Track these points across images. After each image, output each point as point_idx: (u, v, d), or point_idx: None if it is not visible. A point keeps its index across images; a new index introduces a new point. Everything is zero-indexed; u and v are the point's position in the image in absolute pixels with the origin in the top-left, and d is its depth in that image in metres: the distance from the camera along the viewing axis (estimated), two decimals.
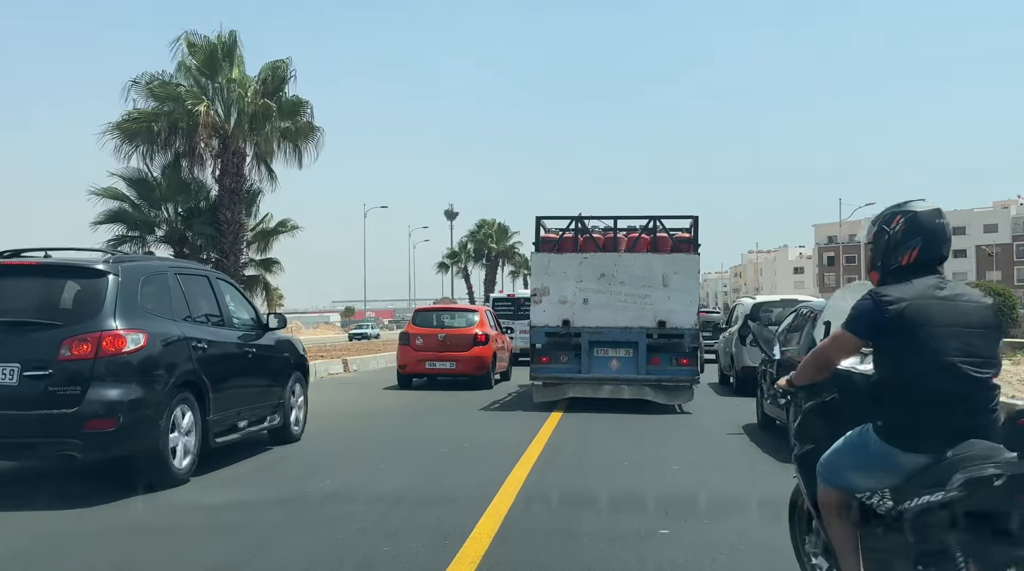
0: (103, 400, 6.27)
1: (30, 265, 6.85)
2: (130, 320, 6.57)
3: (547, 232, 13.87)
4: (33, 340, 6.29)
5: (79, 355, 6.27)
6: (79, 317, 6.49)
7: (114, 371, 6.36)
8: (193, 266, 8.78)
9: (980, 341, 3.07)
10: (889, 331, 3.08)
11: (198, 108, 18.76)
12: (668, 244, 13.14)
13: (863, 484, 3.11)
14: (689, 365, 12.67)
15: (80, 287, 6.75)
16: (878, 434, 3.09)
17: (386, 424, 11.24)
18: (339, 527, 5.36)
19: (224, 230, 19.91)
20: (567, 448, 8.72)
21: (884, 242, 3.28)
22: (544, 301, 12.88)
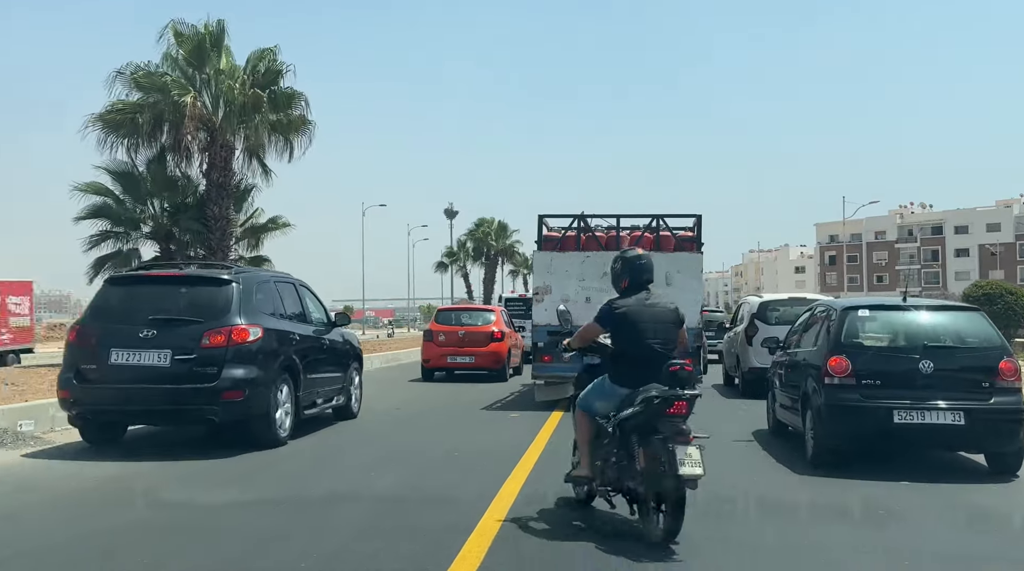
0: (234, 377, 8.34)
1: (176, 276, 9.17)
2: (250, 318, 8.68)
3: (549, 230, 14.04)
4: (181, 332, 8.36)
5: (216, 344, 8.36)
6: (214, 315, 8.53)
7: (241, 356, 8.43)
8: (284, 275, 10.75)
9: (665, 331, 5.70)
10: (616, 324, 5.68)
11: (184, 99, 18.48)
12: (671, 243, 13.30)
13: (601, 408, 5.65)
14: (692, 365, 12.85)
15: (213, 293, 8.77)
16: (610, 379, 5.65)
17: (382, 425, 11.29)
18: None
19: (211, 226, 19.65)
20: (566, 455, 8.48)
21: (614, 274, 5.98)
22: (546, 300, 13.05)
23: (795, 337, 9.65)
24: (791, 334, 9.97)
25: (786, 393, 9.25)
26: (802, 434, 8.36)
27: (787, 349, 9.76)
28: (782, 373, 9.66)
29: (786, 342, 9.96)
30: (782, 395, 9.50)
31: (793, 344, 9.61)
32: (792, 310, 15.54)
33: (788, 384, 9.22)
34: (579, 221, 13.57)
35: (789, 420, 9.15)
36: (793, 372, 8.99)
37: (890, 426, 7.30)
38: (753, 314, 15.38)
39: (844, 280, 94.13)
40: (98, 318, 8.71)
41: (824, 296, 17.82)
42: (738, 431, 10.45)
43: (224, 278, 8.95)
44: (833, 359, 7.59)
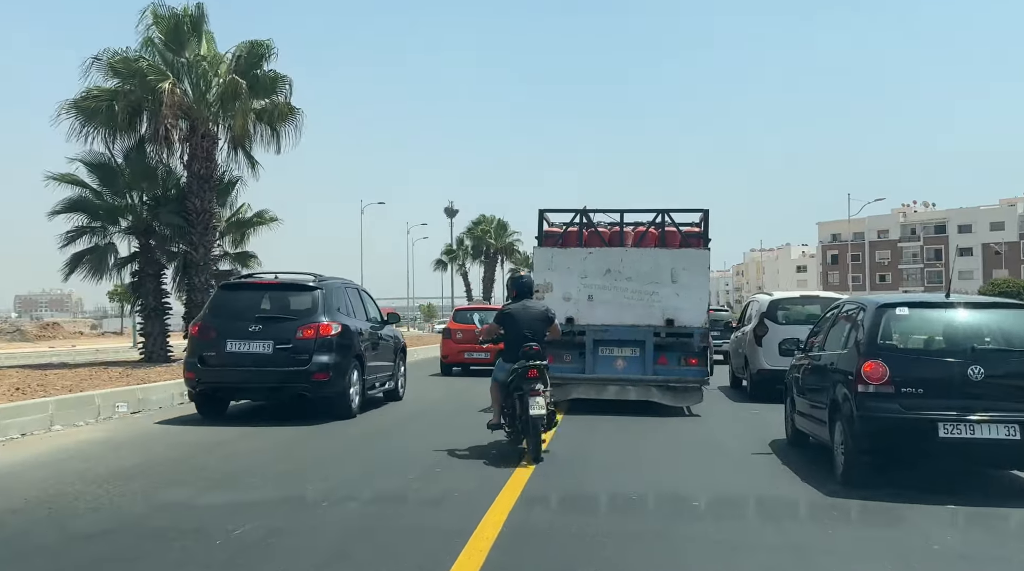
0: (321, 362, 10.71)
1: (274, 284, 11.66)
2: (331, 316, 11.09)
3: (551, 226, 13.26)
4: (280, 327, 10.77)
5: (307, 336, 10.73)
6: (305, 314, 10.97)
7: (325, 346, 10.80)
8: (350, 282, 12.93)
9: (537, 325, 8.57)
10: (503, 322, 8.66)
11: (162, 86, 17.47)
12: (677, 238, 12.54)
13: (501, 377, 8.44)
14: (698, 365, 12.09)
15: (303, 296, 11.25)
16: (503, 358, 8.55)
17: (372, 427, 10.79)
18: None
19: (192, 220, 18.68)
20: (563, 471, 7.65)
21: (507, 288, 9.40)
22: (547, 298, 12.28)
23: (818, 338, 8.84)
24: (812, 335, 9.18)
25: (808, 401, 8.44)
26: (828, 447, 7.56)
27: (808, 351, 8.94)
28: (803, 378, 8.87)
29: (807, 343, 9.13)
30: (803, 403, 8.69)
31: (816, 346, 8.82)
32: (803, 309, 15.25)
33: (811, 391, 8.41)
34: (581, 216, 12.77)
35: (812, 431, 8.36)
36: (817, 377, 8.17)
37: (934, 441, 6.47)
38: (763, 313, 14.74)
39: (848, 279, 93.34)
40: (215, 316, 11.10)
41: (835, 294, 17.08)
42: (753, 441, 9.69)
43: (311, 285, 11.36)
44: (868, 364, 6.75)
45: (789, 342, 9.57)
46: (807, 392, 8.55)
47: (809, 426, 8.38)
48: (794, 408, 9.10)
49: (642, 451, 8.98)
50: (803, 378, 8.82)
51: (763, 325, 14.44)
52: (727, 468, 8.00)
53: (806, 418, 8.48)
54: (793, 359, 9.59)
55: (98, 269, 18.64)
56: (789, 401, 9.43)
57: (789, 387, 9.45)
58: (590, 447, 9.17)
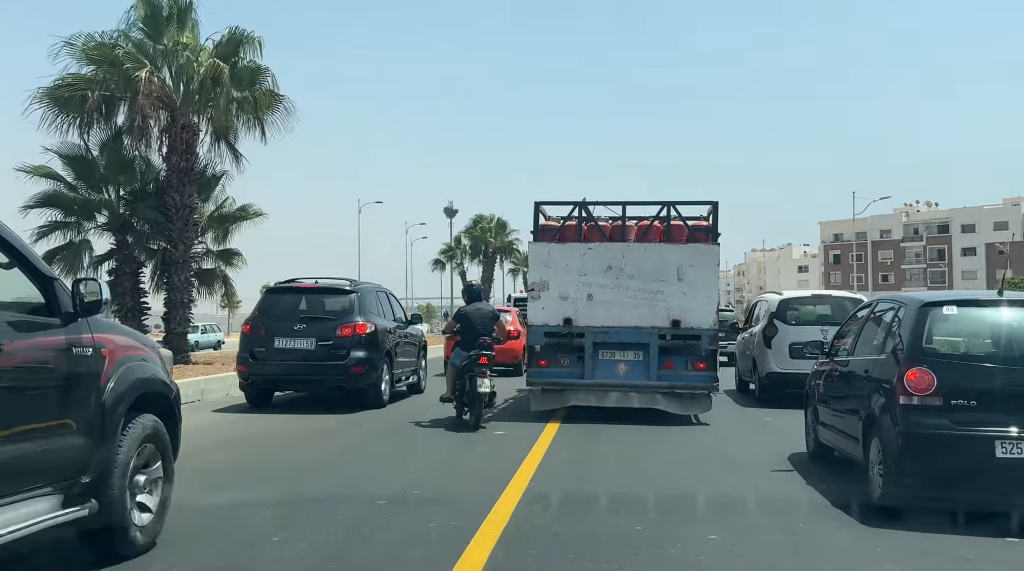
0: (358, 357, 11.98)
1: (315, 288, 12.85)
2: (366, 316, 12.31)
3: (547, 219, 12.36)
4: (321, 326, 12.07)
5: (345, 334, 11.97)
6: (343, 315, 12.24)
7: (361, 343, 12.02)
8: (379, 286, 14.15)
9: (487, 322, 10.95)
10: (460, 320, 11.04)
11: (138, 74, 16.48)
12: (684, 233, 11.64)
13: (456, 362, 10.72)
14: (707, 370, 11.18)
15: (341, 299, 12.58)
16: (460, 348, 10.83)
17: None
18: None
19: (172, 216, 17.72)
20: (557, 492, 6.77)
21: (464, 295, 12.17)
22: (543, 297, 11.41)
23: (846, 340, 7.93)
24: (838, 336, 8.28)
25: (835, 412, 7.55)
26: (860, 464, 6.67)
27: (833, 355, 8.02)
28: (827, 386, 7.98)
29: (832, 346, 8.21)
30: (828, 413, 7.80)
31: (841, 349, 7.92)
32: (814, 309, 14.62)
33: (838, 400, 7.53)
34: (580, 209, 11.86)
35: (839, 445, 7.45)
36: (846, 385, 7.27)
37: (990, 462, 5.57)
38: (772, 313, 13.97)
39: (850, 279, 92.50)
40: (264, 316, 12.49)
41: (848, 293, 16.20)
42: (770, 454, 8.79)
43: (347, 289, 12.76)
44: (911, 371, 5.84)
45: (811, 345, 8.66)
46: (833, 402, 7.66)
47: (836, 440, 7.48)
48: (817, 419, 8.20)
49: (646, 467, 8.07)
50: (828, 386, 7.93)
51: (772, 326, 13.71)
52: (745, 490, 7.06)
53: (832, 431, 7.58)
54: (815, 364, 8.69)
55: (72, 267, 17.64)
56: (810, 411, 8.53)
57: (810, 395, 8.56)
58: (588, 461, 8.30)
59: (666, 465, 8.15)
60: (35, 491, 4.11)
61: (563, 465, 8.00)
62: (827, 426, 7.82)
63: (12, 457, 3.86)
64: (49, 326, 4.32)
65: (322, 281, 13.08)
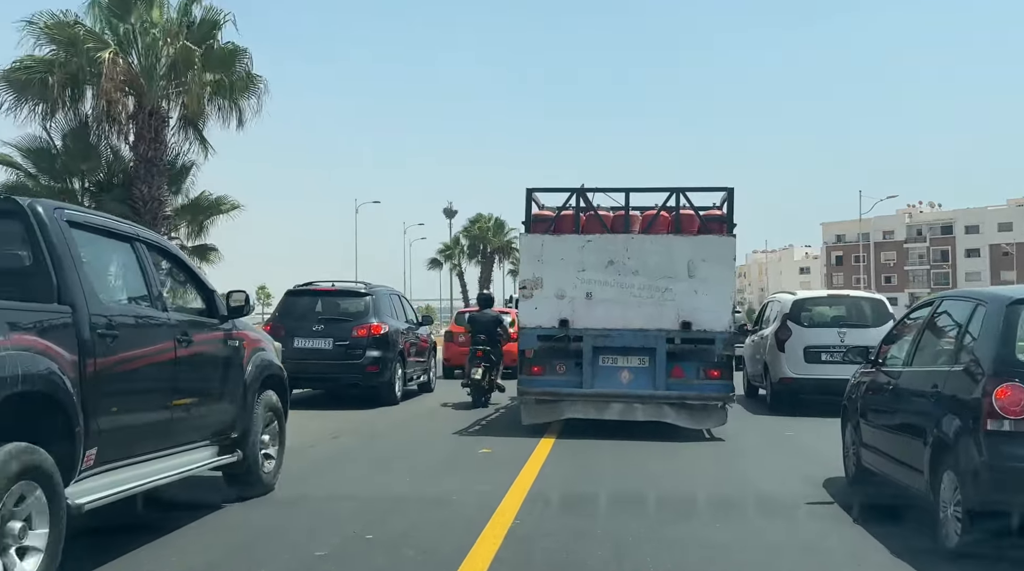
0: (372, 357, 12.61)
1: (331, 290, 13.48)
2: (380, 318, 12.97)
3: (541, 209, 11.04)
4: (338, 327, 12.67)
5: (361, 335, 12.61)
6: (359, 317, 12.87)
7: (376, 343, 12.67)
8: (393, 289, 14.88)
9: (490, 325, 13.55)
10: (469, 322, 14.10)
11: (101, 55, 15.26)
12: (695, 223, 10.33)
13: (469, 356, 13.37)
14: (721, 378, 9.87)
15: (356, 301, 13.21)
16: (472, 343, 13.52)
17: None
18: None
19: (139, 209, 16.44)
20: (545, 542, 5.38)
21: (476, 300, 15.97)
22: (536, 296, 10.10)
23: (899, 346, 6.62)
24: (888, 341, 6.99)
25: (886, 433, 6.27)
26: (919, 498, 5.38)
27: (880, 363, 6.72)
28: (875, 401, 6.71)
29: (877, 352, 6.89)
30: (876, 434, 6.52)
31: (893, 356, 6.65)
32: (829, 310, 13.62)
33: (890, 419, 6.24)
34: (578, 197, 10.54)
35: (893, 475, 6.15)
36: (902, 402, 5.98)
37: None
38: (785, 314, 13.03)
39: (852, 281, 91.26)
40: (283, 317, 13.02)
41: (866, 293, 14.92)
42: (799, 479, 7.51)
43: (363, 292, 13.32)
44: (1003, 388, 4.55)
45: (854, 352, 7.36)
46: (883, 421, 6.39)
47: (889, 468, 6.19)
48: (859, 439, 6.91)
49: (653, 498, 6.72)
50: (875, 401, 6.66)
51: (786, 328, 12.76)
52: (780, 533, 5.72)
53: (882, 456, 6.28)
54: (855, 373, 7.41)
55: None
56: (850, 429, 7.23)
57: (850, 410, 7.27)
58: (585, 494, 6.96)
59: (680, 499, 6.81)
60: (203, 442, 5.74)
61: (555, 496, 6.70)
62: (874, 450, 6.53)
63: (193, 416, 5.49)
64: (212, 325, 5.95)
65: (338, 284, 13.80)
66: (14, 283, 4.41)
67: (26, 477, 3.85)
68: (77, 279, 4.48)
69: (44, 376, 4.00)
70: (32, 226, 4.44)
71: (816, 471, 7.72)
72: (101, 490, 4.49)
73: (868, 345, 12.81)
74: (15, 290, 4.32)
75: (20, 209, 4.50)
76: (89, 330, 4.41)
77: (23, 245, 4.47)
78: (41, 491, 3.95)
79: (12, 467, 3.74)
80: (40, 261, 4.43)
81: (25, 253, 4.49)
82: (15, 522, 3.86)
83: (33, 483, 3.90)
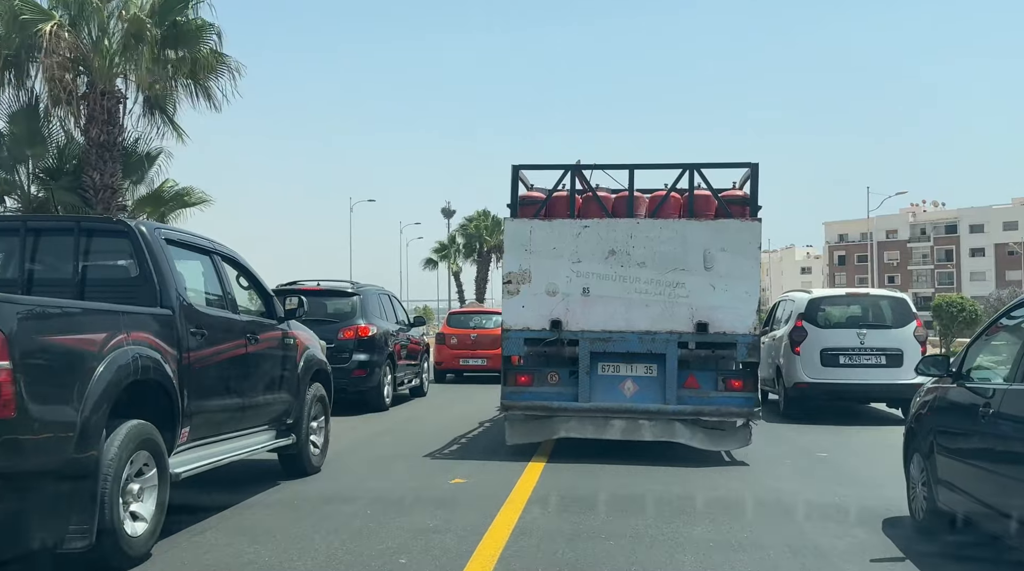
0: (360, 360, 12.10)
1: (318, 290, 12.70)
2: (368, 319, 12.54)
3: (530, 190, 9.40)
4: (325, 328, 11.08)
5: (347, 337, 12.09)
6: (345, 317, 12.41)
7: (363, 346, 12.19)
8: (382, 288, 14.19)
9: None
10: None
11: (42, 28, 13.68)
12: (712, 205, 8.70)
13: None
14: (744, 390, 8.25)
15: (343, 302, 12.77)
16: None
17: None
18: None
19: (91, 199, 14.87)
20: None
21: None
22: (523, 292, 8.47)
23: (991, 356, 4.96)
24: (974, 348, 5.33)
25: (980, 470, 4.65)
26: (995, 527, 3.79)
27: (963, 376, 5.15)
28: (955, 424, 5.11)
29: (962, 364, 5.26)
30: (963, 469, 4.90)
31: (989, 369, 5.02)
32: (847, 309, 12.65)
33: (986, 452, 4.58)
34: (573, 175, 8.89)
35: (987, 523, 4.55)
36: (1005, 430, 4.32)
37: None
38: (800, 314, 12.14)
39: (857, 280, 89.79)
40: None
41: (886, 292, 13.48)
42: (852, 520, 5.87)
43: (350, 292, 12.73)
44: None
45: (929, 361, 5.69)
46: (970, 453, 4.78)
47: (979, 513, 4.60)
48: (933, 473, 5.25)
49: (673, 551, 5.02)
50: (957, 425, 5.04)
51: (800, 330, 11.92)
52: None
53: (971, 499, 4.69)
54: (920, 392, 5.85)
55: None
56: (918, 460, 5.61)
57: (918, 436, 5.64)
58: (581, 545, 5.24)
59: (703, 548, 5.12)
60: (265, 426, 6.71)
61: (541, 553, 5.01)
62: (957, 489, 4.89)
63: (260, 403, 6.47)
64: (272, 325, 6.89)
65: (324, 283, 13.06)
66: (124, 291, 5.27)
67: (142, 448, 4.64)
68: (174, 287, 5.33)
69: (155, 366, 4.83)
70: (139, 243, 5.29)
71: (868, 504, 6.21)
72: (193, 462, 5.38)
73: (892, 348, 11.84)
74: (125, 296, 5.12)
75: (129, 229, 5.38)
76: (185, 329, 5.29)
77: (131, 259, 5.37)
78: (153, 459, 4.77)
79: (134, 438, 4.52)
80: (145, 272, 5.29)
81: (133, 265, 5.38)
82: (134, 483, 4.64)
83: (147, 452, 4.71)
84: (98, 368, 4.29)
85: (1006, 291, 52.92)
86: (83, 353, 4.26)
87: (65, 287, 5.33)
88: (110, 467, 4.31)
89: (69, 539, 4.09)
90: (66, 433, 4.07)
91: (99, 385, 4.25)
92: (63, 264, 5.50)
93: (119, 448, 4.38)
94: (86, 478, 4.17)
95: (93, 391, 4.21)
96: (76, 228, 5.53)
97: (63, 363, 4.15)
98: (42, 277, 5.54)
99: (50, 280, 5.48)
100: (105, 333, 4.45)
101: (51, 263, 5.63)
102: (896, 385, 11.28)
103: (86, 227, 5.59)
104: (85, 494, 4.17)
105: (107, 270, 5.61)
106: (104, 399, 4.27)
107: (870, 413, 12.70)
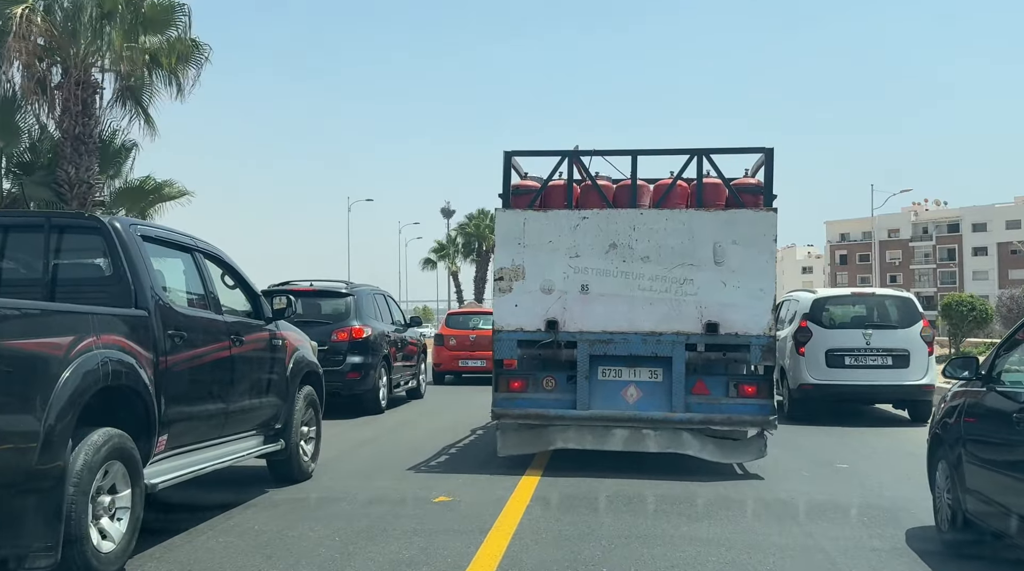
0: (354, 363, 11.79)
1: (311, 291, 12.38)
2: (362, 320, 12.22)
3: (524, 178, 8.69)
4: (317, 330, 10.73)
5: (341, 339, 11.80)
6: (339, 318, 12.12)
7: (357, 348, 11.89)
8: (377, 288, 14.04)
9: None
10: None
11: (13, 9, 13.08)
12: (723, 194, 8.08)
13: None
14: (758, 396, 7.64)
15: (337, 302, 12.43)
16: None
17: None
18: None
19: (65, 193, 14.32)
20: None
21: None
22: (516, 289, 7.83)
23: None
24: (1007, 348, 5.00)
25: (1007, 474, 4.41)
26: None
27: (993, 379, 4.87)
28: (985, 431, 4.80)
29: (992, 367, 4.98)
30: (994, 479, 4.58)
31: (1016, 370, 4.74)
32: (852, 309, 12.47)
33: (1012, 454, 4.36)
34: (570, 162, 8.18)
35: (1015, 529, 4.27)
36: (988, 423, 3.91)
37: None
38: (804, 314, 11.95)
39: (858, 280, 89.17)
40: None
41: (893, 291, 13.00)
42: (871, 535, 5.45)
43: (344, 292, 12.50)
44: None
45: (958, 364, 5.11)
46: (1003, 463, 4.47)
47: (990, 512, 4.47)
48: (962, 483, 4.93)
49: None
50: (988, 432, 4.74)
51: (805, 330, 11.75)
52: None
53: (1006, 511, 4.34)
54: (944, 397, 5.50)
55: None
56: (944, 467, 5.29)
57: (945, 443, 5.27)
58: None
59: None
60: (252, 432, 6.49)
61: None
62: (992, 501, 4.55)
63: (245, 408, 6.20)
64: (259, 326, 6.65)
65: (317, 284, 12.77)
66: (97, 290, 5.05)
67: (113, 458, 4.42)
68: (150, 286, 5.10)
69: (127, 371, 4.59)
70: (112, 240, 5.04)
71: (887, 517, 5.85)
72: (171, 472, 5.15)
73: (898, 348, 11.60)
74: (98, 296, 4.93)
75: (101, 225, 5.11)
76: (162, 331, 5.06)
77: (104, 257, 5.14)
78: (125, 470, 4.54)
79: (104, 448, 4.31)
80: (119, 271, 5.05)
81: (106, 264, 5.16)
82: (105, 496, 4.42)
83: (119, 463, 4.48)
84: (63, 374, 4.06)
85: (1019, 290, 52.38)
86: (46, 358, 4.03)
87: (34, 287, 5.12)
88: (77, 479, 4.10)
89: (32, 558, 3.88)
90: (27, 444, 3.85)
91: (64, 392, 4.03)
92: (32, 262, 5.31)
93: (87, 458, 4.17)
94: (51, 491, 3.97)
95: (58, 398, 4.00)
96: (46, 224, 5.27)
97: (23, 369, 3.92)
98: (10, 277, 5.33)
99: (18, 280, 5.29)
100: (72, 336, 4.21)
101: (20, 261, 5.45)
102: (903, 386, 11.35)
103: (57, 223, 5.34)
104: (50, 508, 3.95)
105: (79, 269, 5.40)
106: (70, 407, 4.07)
107: (873, 414, 12.43)
